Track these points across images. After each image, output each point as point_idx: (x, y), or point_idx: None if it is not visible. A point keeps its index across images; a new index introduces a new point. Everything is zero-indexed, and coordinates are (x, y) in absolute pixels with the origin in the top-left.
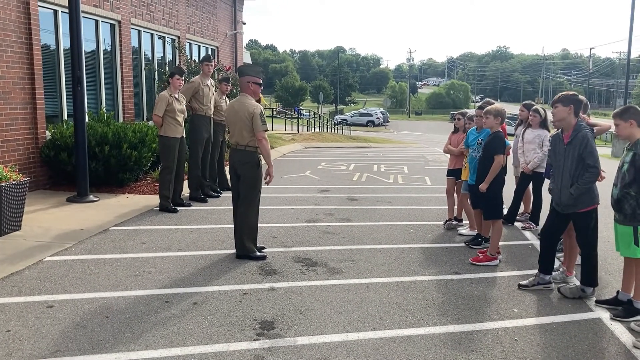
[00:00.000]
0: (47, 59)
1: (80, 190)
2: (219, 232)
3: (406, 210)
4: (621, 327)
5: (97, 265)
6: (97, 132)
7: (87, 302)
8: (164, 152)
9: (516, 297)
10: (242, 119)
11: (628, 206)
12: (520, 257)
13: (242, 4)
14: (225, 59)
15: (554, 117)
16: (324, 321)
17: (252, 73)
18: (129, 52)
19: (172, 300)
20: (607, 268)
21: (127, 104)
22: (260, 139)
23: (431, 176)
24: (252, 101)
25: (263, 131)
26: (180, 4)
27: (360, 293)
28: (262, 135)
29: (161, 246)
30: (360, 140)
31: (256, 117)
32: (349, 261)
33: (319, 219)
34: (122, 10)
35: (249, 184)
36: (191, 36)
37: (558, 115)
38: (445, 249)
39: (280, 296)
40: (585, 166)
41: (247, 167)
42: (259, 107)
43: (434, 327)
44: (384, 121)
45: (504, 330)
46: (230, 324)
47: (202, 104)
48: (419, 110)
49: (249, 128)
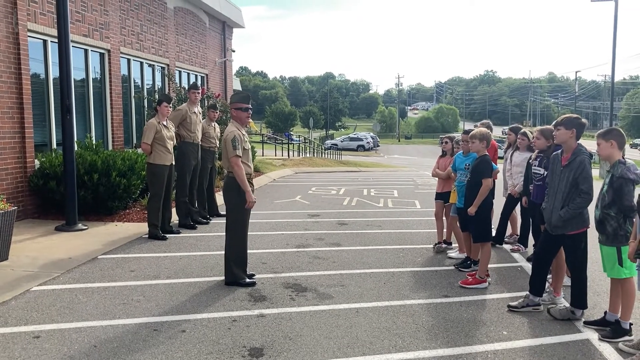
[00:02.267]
0: (37, 88)
1: (69, 219)
2: (208, 259)
3: (396, 234)
4: (609, 348)
5: (85, 294)
6: (86, 161)
7: (75, 332)
8: (153, 179)
9: (505, 320)
10: (224, 146)
11: (609, 227)
12: (510, 279)
13: (232, 32)
14: (215, 86)
15: (556, 139)
16: (313, 347)
17: (235, 99)
18: (118, 80)
19: (160, 328)
20: (595, 289)
21: (116, 132)
22: (232, 164)
23: (421, 200)
24: (231, 127)
25: (234, 156)
26: (169, 33)
27: (350, 318)
28: (234, 161)
29: (150, 274)
30: (351, 164)
31: (228, 143)
32: (338, 286)
33: (309, 244)
34: (111, 40)
35: (229, 209)
36: (181, 64)
37: (559, 138)
38: (435, 272)
39: (269, 322)
40: (579, 191)
41: (227, 194)
42: (232, 133)
43: (423, 351)
44: (374, 145)
45: (493, 353)
46: (219, 352)
47: (189, 131)
48: (409, 134)
49: (226, 154)
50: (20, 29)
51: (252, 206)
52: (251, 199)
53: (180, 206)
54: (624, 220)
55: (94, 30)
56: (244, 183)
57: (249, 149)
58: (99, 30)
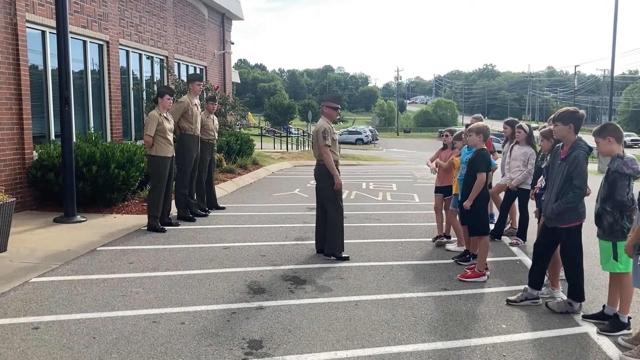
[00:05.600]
0: (35, 79)
1: (68, 211)
2: (207, 251)
3: (395, 228)
4: (608, 342)
5: (84, 286)
6: (84, 152)
7: (74, 323)
8: (155, 171)
9: (504, 313)
10: (315, 137)
11: (606, 221)
12: (508, 272)
13: (231, 24)
14: (214, 79)
15: (555, 135)
16: (312, 339)
17: (328, 98)
18: (117, 72)
19: (159, 320)
20: (594, 283)
21: (115, 124)
22: (322, 152)
23: (420, 193)
24: (322, 122)
25: (324, 146)
26: (168, 25)
27: (349, 311)
28: (323, 150)
29: (149, 266)
30: (349, 158)
31: (319, 134)
32: (337, 279)
33: (307, 237)
34: (110, 31)
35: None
36: (180, 56)
37: (558, 134)
38: (434, 265)
39: (268, 315)
40: (572, 186)
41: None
42: (323, 126)
43: (422, 344)
44: (372, 139)
45: (492, 346)
46: (218, 344)
47: (191, 124)
48: (408, 128)
49: (317, 144)
50: (18, 19)
51: (340, 187)
52: (339, 182)
53: (180, 198)
54: (620, 215)
55: (93, 21)
56: (332, 168)
57: (337, 139)
58: (97, 22)
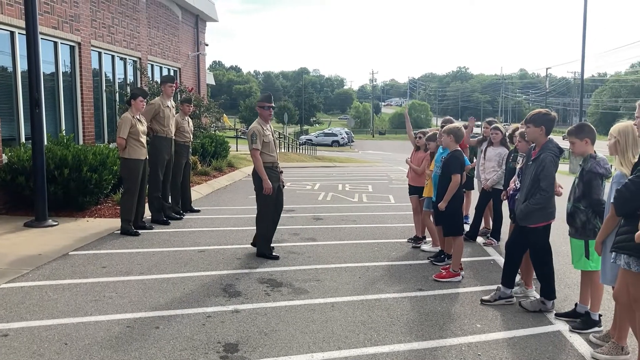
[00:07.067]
0: (4, 82)
1: (39, 215)
2: (182, 254)
3: (371, 229)
4: (580, 339)
5: (55, 291)
6: (56, 155)
7: (45, 330)
8: (129, 174)
9: (479, 313)
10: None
11: (579, 220)
12: (483, 272)
13: (205, 26)
14: (188, 80)
15: (527, 137)
16: (288, 342)
17: (259, 98)
18: (89, 74)
19: (133, 325)
20: (566, 281)
21: (87, 126)
22: (251, 156)
23: (395, 194)
24: (254, 123)
25: (252, 149)
26: (141, 26)
27: (326, 312)
28: (252, 153)
29: (122, 270)
30: (326, 160)
31: (248, 137)
32: (314, 281)
33: (284, 239)
34: (82, 32)
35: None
36: (153, 57)
37: (530, 136)
38: (410, 266)
39: (244, 318)
40: (539, 188)
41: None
42: (252, 129)
43: (398, 345)
44: (348, 141)
45: (467, 345)
46: (193, 348)
47: (163, 126)
48: (383, 130)
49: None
50: None
51: (269, 192)
52: (268, 186)
53: (153, 202)
54: (593, 214)
55: (64, 22)
56: (261, 172)
57: (269, 141)
58: (68, 23)
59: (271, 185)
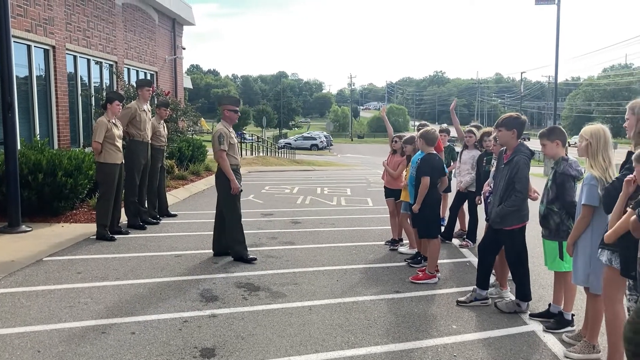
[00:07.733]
0: None
1: (12, 221)
2: (158, 259)
3: (349, 232)
4: (553, 339)
5: (28, 298)
6: (30, 160)
7: (17, 337)
8: (104, 179)
9: (455, 314)
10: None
11: (552, 222)
12: (459, 274)
13: (182, 30)
14: (165, 84)
15: (498, 140)
16: (266, 346)
17: (227, 102)
18: (64, 77)
19: (108, 331)
20: (540, 282)
21: (62, 131)
22: (217, 157)
23: (373, 197)
24: (219, 125)
25: (219, 150)
26: (117, 29)
27: (303, 316)
28: (219, 155)
29: (98, 276)
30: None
31: (215, 139)
32: (292, 284)
33: (262, 243)
34: (56, 36)
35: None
36: (129, 61)
37: (502, 139)
38: (387, 268)
39: (221, 322)
40: (513, 190)
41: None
42: (219, 131)
43: (375, 347)
44: (327, 145)
45: (443, 347)
46: (169, 353)
47: (139, 130)
48: (361, 133)
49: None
50: None
51: (236, 192)
52: (235, 186)
53: (130, 206)
54: (566, 216)
55: (37, 25)
56: (228, 173)
57: (234, 144)
58: (42, 26)
59: (239, 185)
